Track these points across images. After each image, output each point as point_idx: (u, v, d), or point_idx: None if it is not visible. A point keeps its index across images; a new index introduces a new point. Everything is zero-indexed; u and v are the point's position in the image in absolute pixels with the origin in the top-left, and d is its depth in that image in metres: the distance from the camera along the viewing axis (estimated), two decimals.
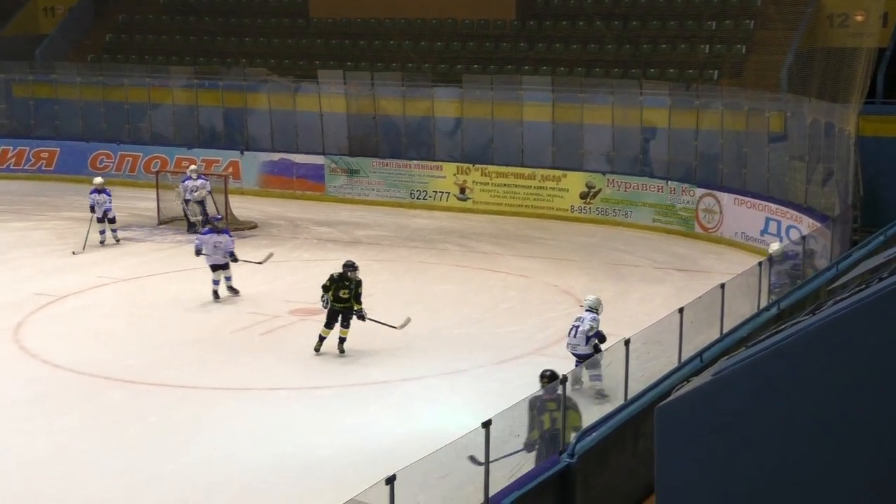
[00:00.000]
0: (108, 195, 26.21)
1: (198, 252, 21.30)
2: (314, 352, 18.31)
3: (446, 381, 17.30)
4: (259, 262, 22.19)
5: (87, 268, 24.39)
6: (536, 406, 12.12)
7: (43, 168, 35.42)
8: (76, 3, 40.29)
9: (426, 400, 16.35)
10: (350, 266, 18.53)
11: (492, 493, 10.50)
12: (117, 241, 26.61)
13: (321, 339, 18.35)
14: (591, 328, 15.92)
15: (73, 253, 25.37)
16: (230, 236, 21.73)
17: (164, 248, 26.64)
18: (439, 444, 10.89)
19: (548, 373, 12.99)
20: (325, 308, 18.43)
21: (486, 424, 10.34)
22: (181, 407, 16.55)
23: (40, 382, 17.54)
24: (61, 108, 36.11)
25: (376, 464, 12.11)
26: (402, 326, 18.43)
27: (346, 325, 18.37)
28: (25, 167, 35.52)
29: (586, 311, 16.39)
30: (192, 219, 27.92)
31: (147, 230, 28.32)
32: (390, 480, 9.14)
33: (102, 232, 26.21)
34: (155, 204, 29.33)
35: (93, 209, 26.16)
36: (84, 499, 13.36)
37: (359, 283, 18.47)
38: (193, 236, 27.19)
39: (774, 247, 19.94)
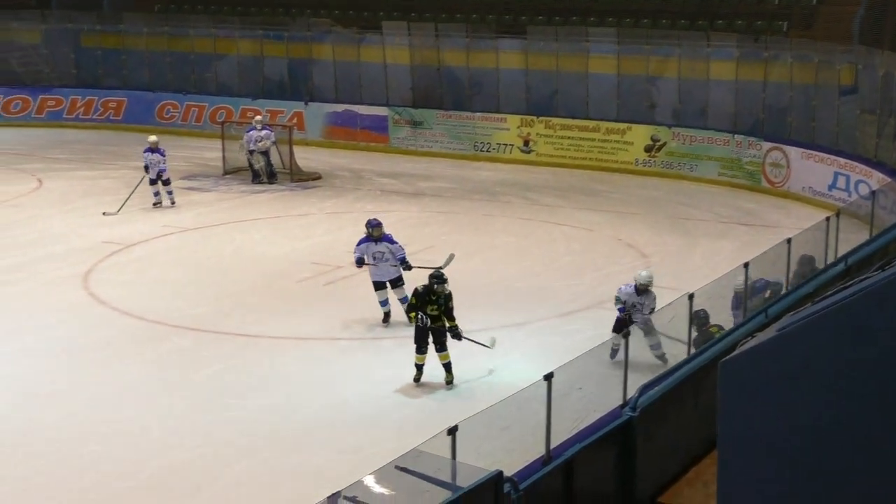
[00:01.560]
0: (163, 155, 25.38)
1: (359, 263, 17.79)
2: (414, 383, 15.32)
3: (508, 334, 17.28)
4: (440, 268, 16.88)
5: (155, 217, 24.67)
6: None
7: (111, 118, 35.75)
8: None
9: (487, 352, 16.34)
10: (438, 278, 15.58)
11: (553, 444, 10.49)
12: (172, 203, 25.74)
13: (418, 368, 15.36)
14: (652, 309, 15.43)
15: (104, 214, 24.68)
16: (393, 242, 17.89)
17: (230, 198, 26.79)
18: (501, 396, 10.90)
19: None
20: (418, 324, 15.34)
21: (548, 377, 10.30)
22: (245, 355, 16.72)
23: (109, 328, 17.80)
24: (128, 59, 36.42)
25: (438, 414, 12.13)
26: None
27: (440, 348, 15.34)
28: (94, 117, 35.88)
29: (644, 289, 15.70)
30: (256, 166, 28.05)
31: (213, 180, 28.52)
32: (452, 431, 9.15)
33: (157, 194, 25.44)
34: (220, 154, 29.49)
35: (147, 169, 25.43)
36: (150, 440, 13.58)
37: (448, 297, 15.46)
38: (258, 187, 27.47)
39: (738, 282, 15.03)
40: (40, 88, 36.42)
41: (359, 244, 17.74)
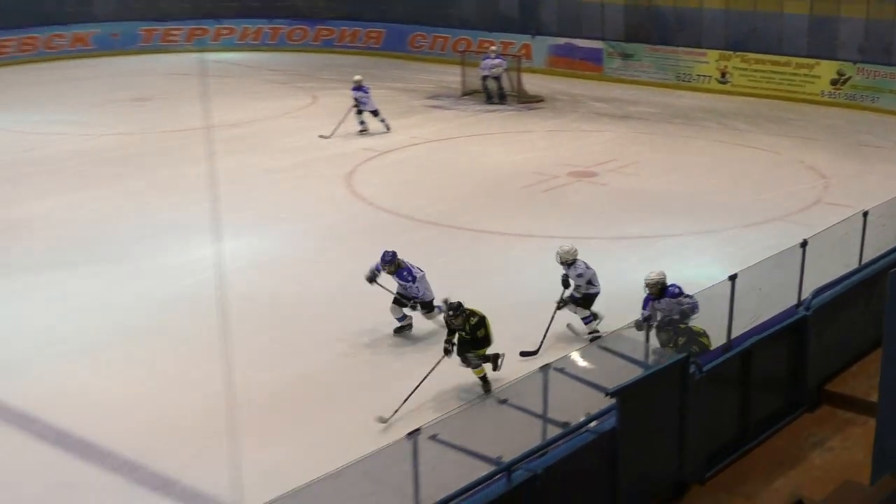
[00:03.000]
0: (366, 91, 24.51)
1: (372, 278, 13.66)
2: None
3: (698, 240, 17.03)
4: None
5: (404, 129, 24.95)
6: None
7: (372, 45, 36.22)
8: None
9: (679, 255, 16.14)
10: (448, 309, 11.84)
11: (734, 336, 10.39)
12: (387, 128, 24.50)
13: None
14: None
15: (320, 136, 24.04)
16: (406, 279, 13.40)
17: (466, 115, 26.95)
18: (690, 292, 10.82)
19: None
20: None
21: (733, 277, 10.18)
22: (478, 246, 16.96)
23: (367, 219, 18.36)
24: None
25: (635, 308, 12.07)
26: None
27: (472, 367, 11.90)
28: (358, 44, 36.39)
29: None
30: (489, 89, 28.10)
31: (452, 100, 28.67)
32: (647, 319, 9.18)
33: (362, 122, 24.47)
34: (460, 78, 29.60)
35: (357, 102, 24.46)
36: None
37: (477, 326, 11.72)
38: (490, 107, 27.58)
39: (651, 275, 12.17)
40: (317, 20, 37.03)
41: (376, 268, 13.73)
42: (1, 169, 21.61)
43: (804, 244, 11.50)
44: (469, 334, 11.69)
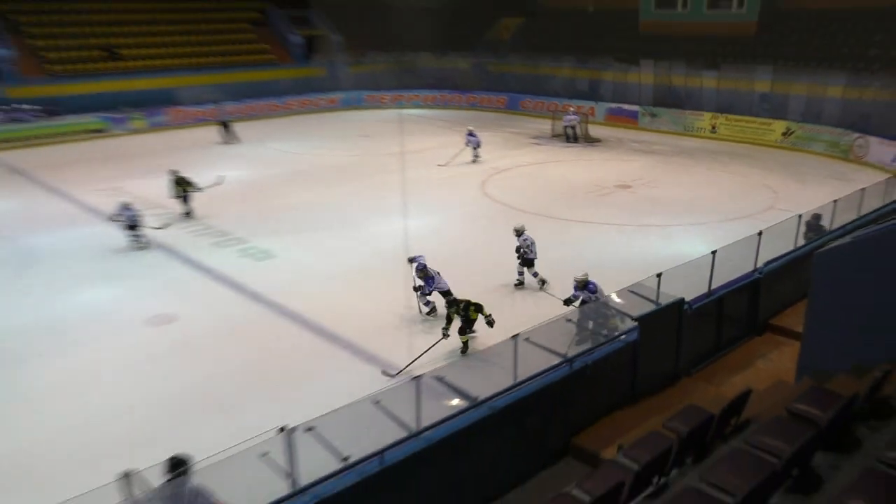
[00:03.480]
0: (474, 136, 23.11)
1: (418, 290, 11.55)
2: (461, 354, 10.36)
3: (693, 228, 16.38)
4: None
5: (516, 157, 24.45)
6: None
7: (498, 106, 35.20)
8: None
9: (680, 237, 15.59)
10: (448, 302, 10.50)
11: (714, 286, 10.04)
12: (475, 159, 22.80)
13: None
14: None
15: (439, 165, 22.24)
16: (430, 283, 11.38)
17: (554, 149, 26.31)
18: (686, 262, 10.50)
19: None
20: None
21: (714, 252, 9.86)
22: (559, 226, 16.39)
23: (491, 209, 18.09)
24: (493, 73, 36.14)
25: (652, 269, 11.72)
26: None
27: (461, 332, 10.41)
28: (490, 106, 35.47)
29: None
30: (568, 134, 27.42)
31: (546, 139, 27.93)
32: (660, 274, 8.93)
33: (476, 156, 22.93)
34: (550, 127, 29.03)
35: (467, 142, 23.23)
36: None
37: (464, 308, 10.32)
38: (569, 144, 26.95)
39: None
40: (467, 91, 36.04)
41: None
42: (284, 175, 22.20)
43: (760, 233, 11.03)
44: (463, 315, 10.32)
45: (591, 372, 8.12)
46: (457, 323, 10.51)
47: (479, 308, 10.40)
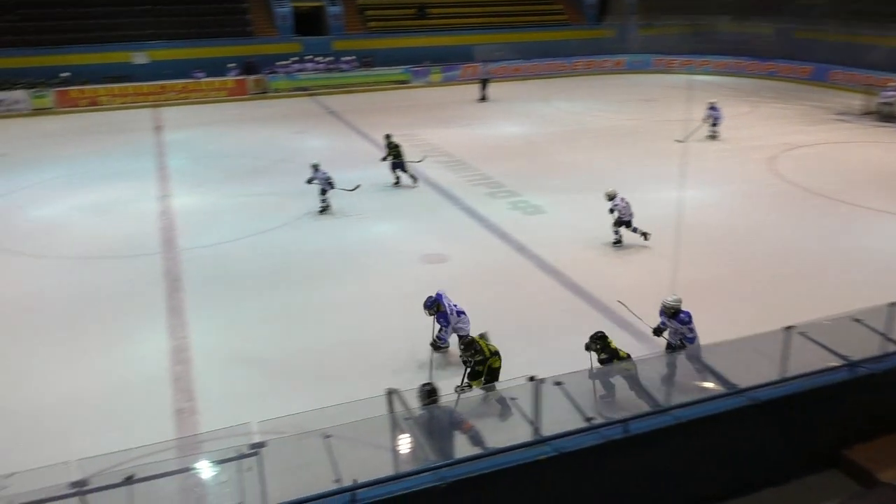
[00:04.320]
0: (717, 110, 20.63)
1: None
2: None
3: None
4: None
5: (814, 133, 21.71)
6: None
7: (800, 76, 31.62)
8: None
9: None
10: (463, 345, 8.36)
11: None
12: (713, 136, 20.32)
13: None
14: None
15: (676, 140, 19.92)
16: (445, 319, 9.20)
17: (864, 128, 22.70)
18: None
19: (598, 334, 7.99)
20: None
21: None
22: (854, 216, 14.43)
23: (780, 188, 16.31)
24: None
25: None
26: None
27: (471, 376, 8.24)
28: (791, 75, 32.01)
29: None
30: (885, 111, 23.62)
31: (854, 117, 24.21)
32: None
33: (714, 132, 20.55)
34: (862, 103, 24.99)
35: (710, 116, 20.62)
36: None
37: (475, 362, 8.15)
38: (885, 124, 23.33)
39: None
40: (766, 58, 32.87)
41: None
42: (562, 134, 22.12)
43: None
44: (481, 369, 8.16)
45: (879, 381, 7.10)
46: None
47: (496, 355, 8.18)
